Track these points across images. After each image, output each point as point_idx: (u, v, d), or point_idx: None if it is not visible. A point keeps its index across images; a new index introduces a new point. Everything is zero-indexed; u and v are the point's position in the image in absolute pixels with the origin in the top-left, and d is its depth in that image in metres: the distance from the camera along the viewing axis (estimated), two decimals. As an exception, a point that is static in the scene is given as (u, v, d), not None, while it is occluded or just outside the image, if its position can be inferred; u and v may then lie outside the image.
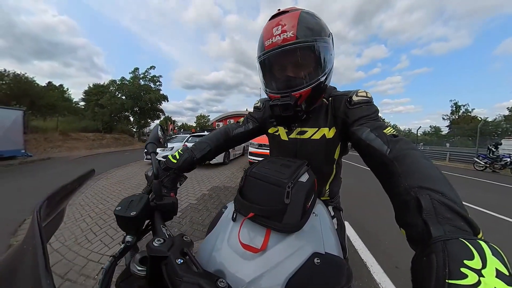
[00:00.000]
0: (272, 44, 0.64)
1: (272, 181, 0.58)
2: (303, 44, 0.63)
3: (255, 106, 0.98)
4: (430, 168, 0.45)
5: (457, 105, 40.30)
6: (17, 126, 9.75)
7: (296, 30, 0.61)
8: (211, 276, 0.39)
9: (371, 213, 3.48)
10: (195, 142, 0.89)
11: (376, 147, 0.55)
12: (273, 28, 0.64)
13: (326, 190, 0.92)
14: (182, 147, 0.87)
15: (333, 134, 0.75)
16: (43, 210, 0.26)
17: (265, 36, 0.66)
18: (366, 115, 0.65)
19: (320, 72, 0.67)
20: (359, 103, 0.68)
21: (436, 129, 42.19)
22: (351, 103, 0.69)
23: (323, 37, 0.65)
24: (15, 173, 6.76)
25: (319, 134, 0.76)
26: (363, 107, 0.67)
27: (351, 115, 0.68)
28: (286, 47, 0.63)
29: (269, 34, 0.65)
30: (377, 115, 0.67)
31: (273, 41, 0.64)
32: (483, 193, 5.06)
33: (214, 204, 3.75)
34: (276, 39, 0.63)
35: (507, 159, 8.32)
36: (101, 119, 22.78)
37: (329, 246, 0.57)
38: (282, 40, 0.63)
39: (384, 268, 2.02)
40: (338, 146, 0.78)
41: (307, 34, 0.62)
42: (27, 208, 3.33)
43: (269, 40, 0.65)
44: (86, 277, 1.86)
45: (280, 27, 0.63)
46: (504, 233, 2.86)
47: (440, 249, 0.29)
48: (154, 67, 26.78)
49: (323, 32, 0.66)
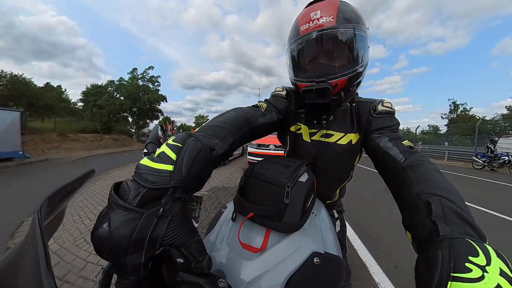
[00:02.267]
0: (309, 28, 0.60)
1: (271, 181, 0.59)
2: (344, 29, 0.59)
3: (277, 94, 0.80)
4: (443, 179, 0.45)
5: (456, 104, 40.53)
6: (14, 127, 9.67)
7: (336, 15, 0.58)
8: (211, 276, 0.40)
9: (370, 213, 3.49)
10: (201, 127, 0.52)
11: (392, 154, 0.56)
12: (311, 13, 0.60)
13: (336, 194, 0.90)
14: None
15: (356, 140, 0.72)
16: (43, 210, 0.26)
17: (300, 21, 0.62)
18: (388, 126, 0.65)
19: (359, 62, 0.63)
20: (383, 113, 0.67)
21: (434, 128, 42.36)
22: (376, 111, 0.68)
23: (362, 28, 0.62)
24: (12, 175, 6.72)
25: (345, 140, 0.72)
26: (387, 117, 0.67)
27: (374, 124, 0.67)
28: (325, 31, 0.59)
29: (307, 19, 0.61)
30: (398, 128, 0.67)
31: (311, 25, 0.60)
32: (481, 192, 5.09)
33: (213, 205, 3.74)
34: (314, 23, 0.59)
35: (505, 157, 8.38)
36: (100, 119, 22.70)
37: (328, 245, 0.57)
38: (320, 25, 0.59)
39: (384, 268, 2.02)
40: (360, 153, 0.77)
41: (347, 21, 0.59)
42: (25, 211, 3.30)
43: (306, 25, 0.61)
44: (84, 279, 1.85)
45: (319, 12, 0.59)
46: (502, 231, 2.88)
47: (447, 246, 0.30)
48: (153, 67, 26.81)
49: (361, 22, 0.63)
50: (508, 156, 8.31)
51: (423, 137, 19.99)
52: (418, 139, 17.31)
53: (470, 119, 33.49)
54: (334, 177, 0.74)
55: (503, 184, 6.08)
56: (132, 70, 26.07)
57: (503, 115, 29.71)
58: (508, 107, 31.15)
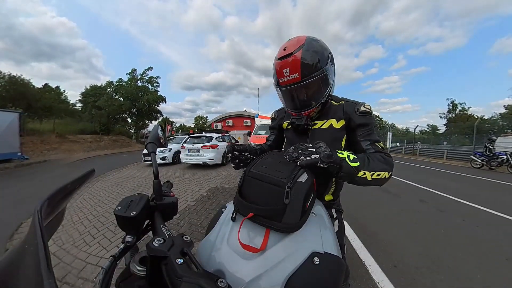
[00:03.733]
0: (284, 82, 0.86)
1: (271, 181, 0.59)
2: (306, 82, 0.82)
3: (272, 118, 1.26)
4: (377, 157, 0.80)
5: (454, 103, 40.66)
6: (13, 128, 9.64)
7: (300, 72, 0.80)
8: (211, 276, 0.40)
9: (370, 212, 3.50)
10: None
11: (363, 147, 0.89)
12: (283, 70, 0.84)
13: (332, 186, 1.01)
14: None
15: (341, 126, 0.93)
16: (43, 210, 0.26)
17: (278, 74, 0.87)
18: (366, 123, 0.89)
19: (322, 94, 0.88)
20: (363, 112, 0.90)
21: (433, 128, 42.52)
22: (359, 110, 0.90)
23: (322, 68, 0.83)
24: (11, 176, 6.70)
25: (327, 124, 0.95)
26: (366, 116, 0.90)
27: (357, 119, 0.90)
28: (295, 85, 0.84)
29: (281, 73, 0.85)
30: (374, 125, 0.92)
31: (285, 80, 0.84)
32: (480, 191, 5.10)
33: (213, 206, 3.74)
34: (287, 79, 0.84)
35: (503, 156, 8.39)
36: (99, 121, 22.62)
37: (328, 245, 0.57)
38: (291, 80, 0.83)
39: (383, 268, 2.02)
40: (345, 136, 0.95)
41: (309, 72, 0.81)
42: (23, 212, 3.29)
43: (282, 78, 0.85)
44: (84, 280, 1.84)
45: (288, 70, 0.82)
46: (500, 230, 2.89)
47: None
48: (152, 68, 26.77)
49: (322, 62, 0.84)
50: (506, 155, 8.34)
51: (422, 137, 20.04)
52: (417, 138, 17.34)
53: (469, 118, 33.60)
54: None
55: (501, 182, 6.10)
56: (131, 71, 26.04)
57: (501, 114, 29.83)
58: (506, 106, 31.29)
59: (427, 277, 1.90)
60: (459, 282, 1.84)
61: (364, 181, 0.74)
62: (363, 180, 0.74)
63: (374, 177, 0.75)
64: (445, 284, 1.82)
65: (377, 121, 50.80)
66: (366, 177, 0.73)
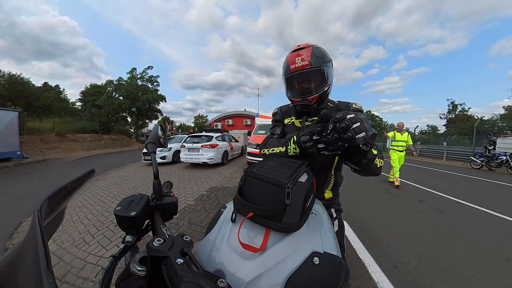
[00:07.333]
0: (295, 67, 0.96)
1: (272, 181, 0.59)
2: (314, 68, 0.94)
3: (274, 113, 1.32)
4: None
5: (454, 104, 40.61)
6: (12, 127, 9.63)
7: (310, 59, 0.93)
8: (211, 276, 0.40)
9: (369, 213, 3.50)
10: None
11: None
12: (296, 58, 0.95)
13: (331, 183, 1.06)
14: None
15: None
16: (43, 209, 0.26)
17: (290, 62, 0.97)
18: None
19: (325, 85, 0.98)
20: (355, 109, 1.02)
21: (433, 128, 42.46)
22: (351, 108, 1.04)
23: (326, 63, 0.97)
24: (10, 175, 6.69)
25: None
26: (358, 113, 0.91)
27: None
28: (305, 69, 0.94)
29: (293, 61, 0.96)
30: None
31: (296, 65, 0.95)
32: (479, 191, 5.10)
33: (213, 205, 3.74)
34: (298, 64, 0.95)
35: (503, 157, 8.39)
36: (99, 120, 22.56)
37: (328, 245, 0.57)
38: (302, 66, 0.94)
39: (382, 268, 2.03)
40: None
41: (316, 62, 0.94)
42: (23, 211, 3.29)
43: (293, 65, 0.96)
44: (84, 279, 1.84)
45: (300, 57, 0.94)
46: (500, 231, 2.89)
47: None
48: (152, 67, 26.66)
49: (326, 60, 0.98)
50: (506, 156, 8.34)
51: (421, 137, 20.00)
52: (417, 139, 17.33)
53: (469, 119, 33.57)
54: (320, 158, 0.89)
55: (501, 183, 6.11)
56: (131, 70, 25.95)
57: (501, 115, 29.83)
58: (505, 107, 31.29)
59: (426, 277, 1.90)
60: (458, 283, 1.84)
61: (375, 168, 0.82)
62: (374, 168, 0.81)
63: (380, 165, 0.83)
64: (444, 284, 1.83)
65: (377, 121, 50.83)
66: (377, 165, 0.81)
